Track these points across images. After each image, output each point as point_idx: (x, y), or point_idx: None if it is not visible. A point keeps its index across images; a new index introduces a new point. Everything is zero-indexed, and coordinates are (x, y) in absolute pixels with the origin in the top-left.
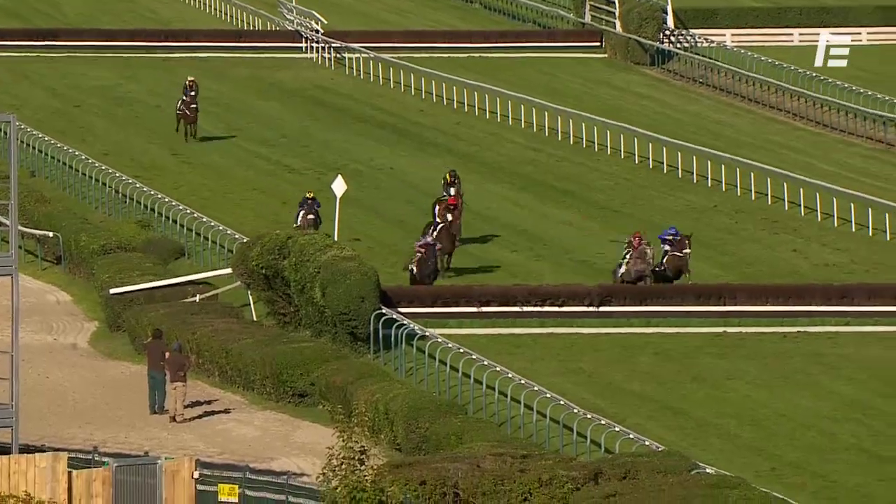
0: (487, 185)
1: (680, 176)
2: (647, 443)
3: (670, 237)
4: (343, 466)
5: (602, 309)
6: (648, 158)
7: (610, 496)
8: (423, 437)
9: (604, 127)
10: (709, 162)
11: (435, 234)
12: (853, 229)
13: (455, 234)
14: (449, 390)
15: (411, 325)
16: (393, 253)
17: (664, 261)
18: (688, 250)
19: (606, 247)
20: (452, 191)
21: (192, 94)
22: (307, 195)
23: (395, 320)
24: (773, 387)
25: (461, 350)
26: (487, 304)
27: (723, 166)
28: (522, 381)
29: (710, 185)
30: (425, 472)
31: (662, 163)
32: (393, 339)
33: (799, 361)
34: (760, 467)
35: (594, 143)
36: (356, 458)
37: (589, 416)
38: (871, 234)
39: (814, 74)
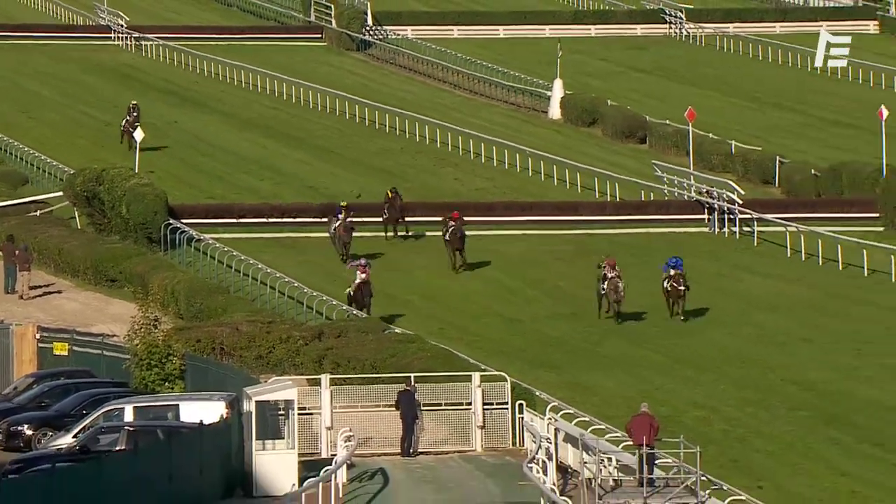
0: (243, 134)
1: (377, 127)
2: (354, 312)
3: (673, 271)
4: (142, 330)
5: (323, 220)
6: (355, 115)
7: (329, 349)
8: (199, 309)
9: (324, 93)
10: (397, 118)
11: (447, 236)
12: (495, 164)
13: (461, 237)
14: (217, 277)
15: (190, 232)
16: (179, 181)
17: (667, 287)
18: (682, 282)
19: (327, 177)
20: (392, 199)
21: (135, 114)
22: (341, 204)
23: (179, 228)
24: (445, 274)
25: (226, 249)
26: (244, 217)
27: (406, 121)
28: (268, 270)
29: (397, 133)
30: (200, 334)
31: (365, 118)
32: (177, 241)
33: (470, 257)
34: (432, 328)
35: (318, 104)
36: (151, 324)
37: (315, 293)
38: (506, 167)
39: (467, 58)
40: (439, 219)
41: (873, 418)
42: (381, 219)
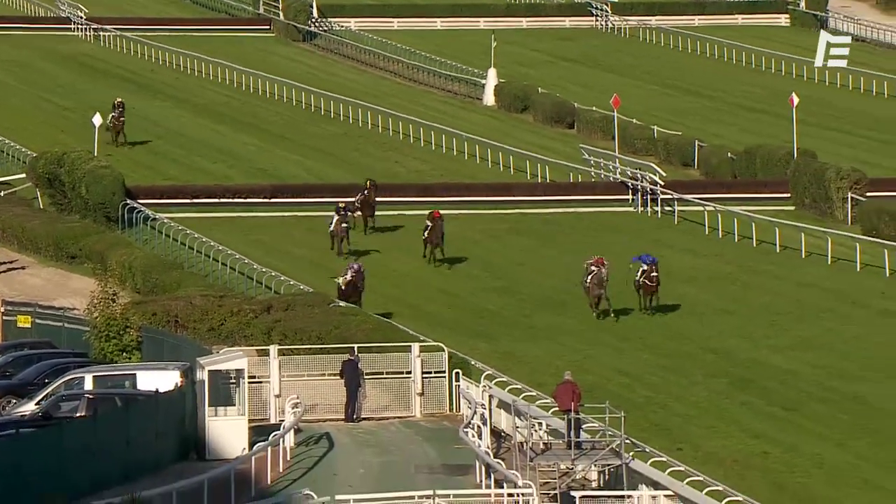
0: (197, 120)
1: (322, 113)
2: (301, 286)
3: (647, 265)
4: (101, 303)
5: (272, 200)
6: (302, 102)
7: (277, 321)
8: (155, 284)
9: (273, 81)
10: (341, 104)
11: (427, 233)
12: (433, 147)
13: (440, 233)
14: (171, 254)
15: (147, 211)
16: (136, 164)
17: (640, 281)
18: (655, 273)
19: (276, 160)
20: (367, 192)
21: (120, 110)
22: (340, 205)
23: (136, 207)
24: (385, 251)
25: (180, 227)
26: (197, 197)
27: (350, 107)
28: (220, 247)
29: (342, 119)
30: (156, 307)
31: (311, 105)
32: (134, 220)
33: (403, 235)
34: (375, 301)
35: (267, 92)
36: (110, 298)
37: (264, 269)
38: (444, 150)
39: (407, 48)
40: (383, 199)
41: (784, 384)
42: (356, 211)
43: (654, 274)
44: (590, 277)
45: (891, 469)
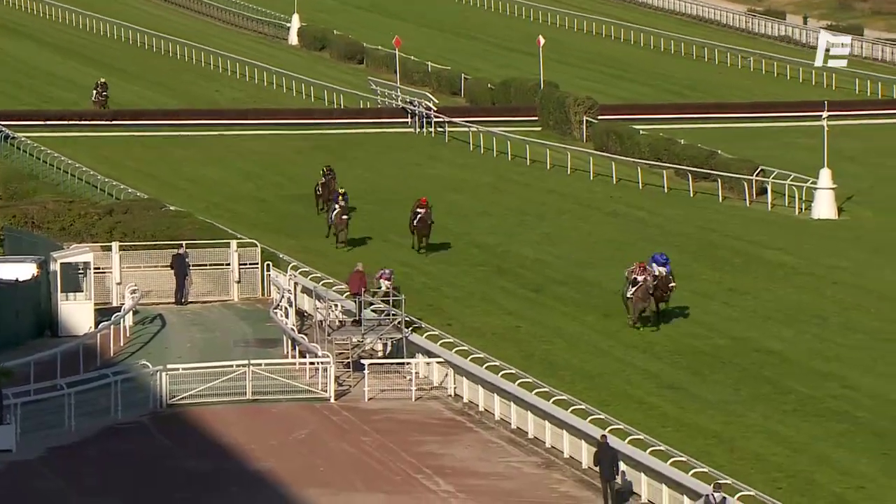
0: (53, 57)
1: (155, 51)
2: (138, 194)
3: (661, 273)
4: None
5: (113, 122)
6: (138, 42)
7: (118, 222)
8: (14, 191)
9: (115, 24)
10: (171, 43)
11: (416, 222)
12: (247, 79)
13: (429, 223)
14: (29, 167)
15: (7, 131)
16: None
17: (653, 288)
18: (673, 284)
19: (117, 90)
20: (325, 180)
21: (100, 89)
22: (339, 190)
23: None
24: (208, 163)
25: (35, 145)
26: (50, 120)
27: (178, 45)
28: (70, 161)
29: (171, 55)
30: (15, 211)
31: (146, 44)
32: None
33: (220, 150)
34: (199, 206)
35: (111, 34)
36: None
37: (107, 179)
38: (256, 81)
39: None
40: (206, 122)
41: (532, 271)
42: (315, 195)
43: (672, 284)
44: (634, 289)
45: (613, 336)
